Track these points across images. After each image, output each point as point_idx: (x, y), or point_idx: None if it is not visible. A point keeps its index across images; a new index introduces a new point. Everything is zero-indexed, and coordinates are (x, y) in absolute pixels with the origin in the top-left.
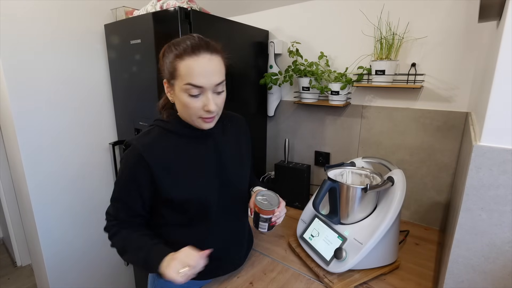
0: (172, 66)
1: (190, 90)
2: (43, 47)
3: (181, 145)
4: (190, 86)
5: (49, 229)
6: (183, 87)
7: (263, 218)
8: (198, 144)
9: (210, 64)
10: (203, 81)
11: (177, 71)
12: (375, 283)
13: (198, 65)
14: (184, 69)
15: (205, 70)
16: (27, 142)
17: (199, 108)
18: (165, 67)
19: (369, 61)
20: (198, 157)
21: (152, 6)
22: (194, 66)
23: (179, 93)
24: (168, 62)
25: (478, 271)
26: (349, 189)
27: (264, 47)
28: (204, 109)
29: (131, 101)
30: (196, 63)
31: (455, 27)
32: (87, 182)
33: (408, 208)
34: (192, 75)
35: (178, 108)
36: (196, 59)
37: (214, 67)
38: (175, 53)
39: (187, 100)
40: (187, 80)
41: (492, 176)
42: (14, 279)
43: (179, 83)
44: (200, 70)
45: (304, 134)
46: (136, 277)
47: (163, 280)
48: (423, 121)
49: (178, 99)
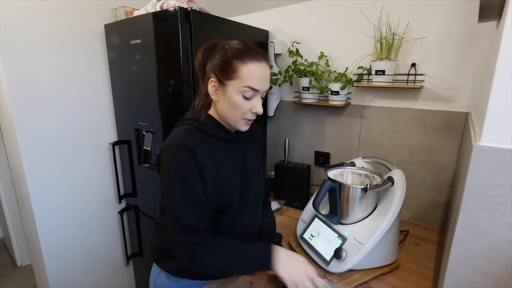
0: (231, 67)
1: (246, 92)
2: (43, 47)
3: (218, 149)
4: (249, 88)
5: (49, 229)
6: (240, 89)
7: None
8: (230, 147)
9: (266, 72)
10: (261, 86)
11: (237, 73)
12: (375, 283)
13: (260, 71)
14: (247, 72)
15: (264, 76)
16: (27, 142)
17: (248, 109)
18: (215, 65)
19: (369, 61)
20: (230, 160)
21: (152, 6)
22: (257, 71)
23: (233, 93)
24: (221, 61)
25: (478, 271)
26: (349, 189)
27: (264, 47)
28: (252, 111)
29: (131, 101)
30: (258, 69)
31: (455, 27)
32: (87, 182)
33: (408, 208)
34: (253, 79)
35: (221, 107)
36: (258, 65)
37: (268, 74)
38: (234, 54)
39: (240, 101)
40: (247, 83)
41: (492, 176)
42: (14, 279)
43: (236, 84)
44: (260, 76)
45: (304, 134)
46: (136, 277)
47: (166, 282)
48: (423, 121)
49: (229, 99)
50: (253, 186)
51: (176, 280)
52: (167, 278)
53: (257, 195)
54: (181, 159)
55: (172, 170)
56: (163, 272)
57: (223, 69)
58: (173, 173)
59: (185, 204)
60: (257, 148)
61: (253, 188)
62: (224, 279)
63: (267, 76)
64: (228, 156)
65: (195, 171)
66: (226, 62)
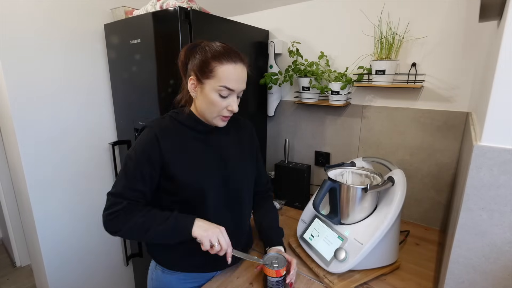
0: (208, 66)
1: (222, 91)
2: (43, 47)
3: (189, 137)
4: (224, 88)
5: (48, 230)
6: (216, 88)
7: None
8: (204, 138)
9: (243, 73)
10: (236, 86)
11: (214, 72)
12: (375, 283)
13: (235, 72)
14: (223, 73)
15: (239, 78)
16: (27, 142)
17: (223, 107)
18: (195, 64)
19: (369, 61)
20: (202, 149)
21: (152, 6)
22: (232, 72)
23: (210, 91)
24: (200, 61)
25: (479, 271)
26: (349, 189)
27: (264, 47)
28: (228, 108)
29: (131, 101)
30: (234, 70)
31: (455, 27)
32: (87, 182)
33: (409, 208)
34: (229, 79)
35: (199, 104)
36: (234, 66)
37: (244, 76)
38: (212, 55)
39: (216, 99)
40: (223, 83)
41: (493, 176)
42: (13, 280)
43: (213, 83)
44: (235, 77)
45: (304, 134)
46: (136, 277)
47: (161, 275)
48: (423, 121)
49: (206, 97)
50: (231, 177)
51: (170, 273)
52: (162, 271)
53: (238, 185)
54: (142, 137)
55: (135, 145)
56: (158, 266)
57: (202, 68)
58: (133, 148)
59: (129, 175)
60: (243, 140)
61: (231, 178)
62: (224, 279)
63: (243, 77)
64: (201, 144)
65: (154, 153)
66: (205, 62)
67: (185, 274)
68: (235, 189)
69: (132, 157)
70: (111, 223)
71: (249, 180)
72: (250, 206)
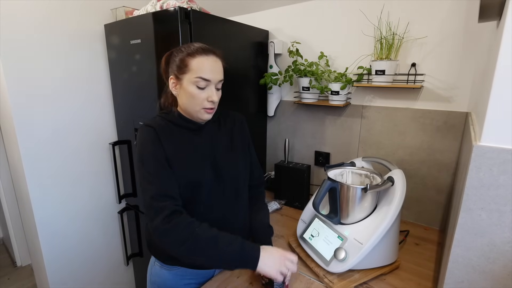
0: (183, 63)
1: (199, 82)
2: (43, 47)
3: (182, 135)
4: (200, 79)
5: (49, 229)
6: (193, 80)
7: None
8: (194, 135)
9: (217, 64)
10: (211, 76)
11: (188, 67)
12: (375, 283)
13: (208, 62)
14: (196, 64)
15: (213, 67)
16: (27, 142)
17: (204, 99)
18: (173, 65)
19: (369, 61)
20: (194, 145)
21: (152, 6)
22: (205, 63)
23: (188, 85)
24: (177, 60)
25: (478, 271)
26: (349, 189)
27: (264, 47)
28: (208, 99)
29: (131, 101)
30: (207, 61)
31: (455, 27)
32: (87, 182)
33: (408, 208)
34: (202, 70)
35: (182, 101)
36: (206, 58)
37: (219, 67)
38: (187, 52)
39: (195, 91)
40: (198, 74)
41: (492, 176)
42: (14, 279)
43: (189, 77)
44: (209, 67)
45: (304, 134)
46: (136, 277)
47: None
48: (423, 121)
49: (186, 91)
50: (224, 171)
51: (169, 268)
52: (160, 267)
53: (233, 180)
54: (147, 138)
55: (140, 148)
56: (157, 261)
57: (179, 66)
58: (140, 152)
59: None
60: (235, 134)
61: (224, 173)
62: (224, 278)
63: (217, 68)
64: (194, 141)
65: (160, 150)
66: (181, 60)
67: (184, 269)
68: (229, 183)
69: (145, 159)
70: (173, 231)
71: (242, 172)
72: (246, 199)
